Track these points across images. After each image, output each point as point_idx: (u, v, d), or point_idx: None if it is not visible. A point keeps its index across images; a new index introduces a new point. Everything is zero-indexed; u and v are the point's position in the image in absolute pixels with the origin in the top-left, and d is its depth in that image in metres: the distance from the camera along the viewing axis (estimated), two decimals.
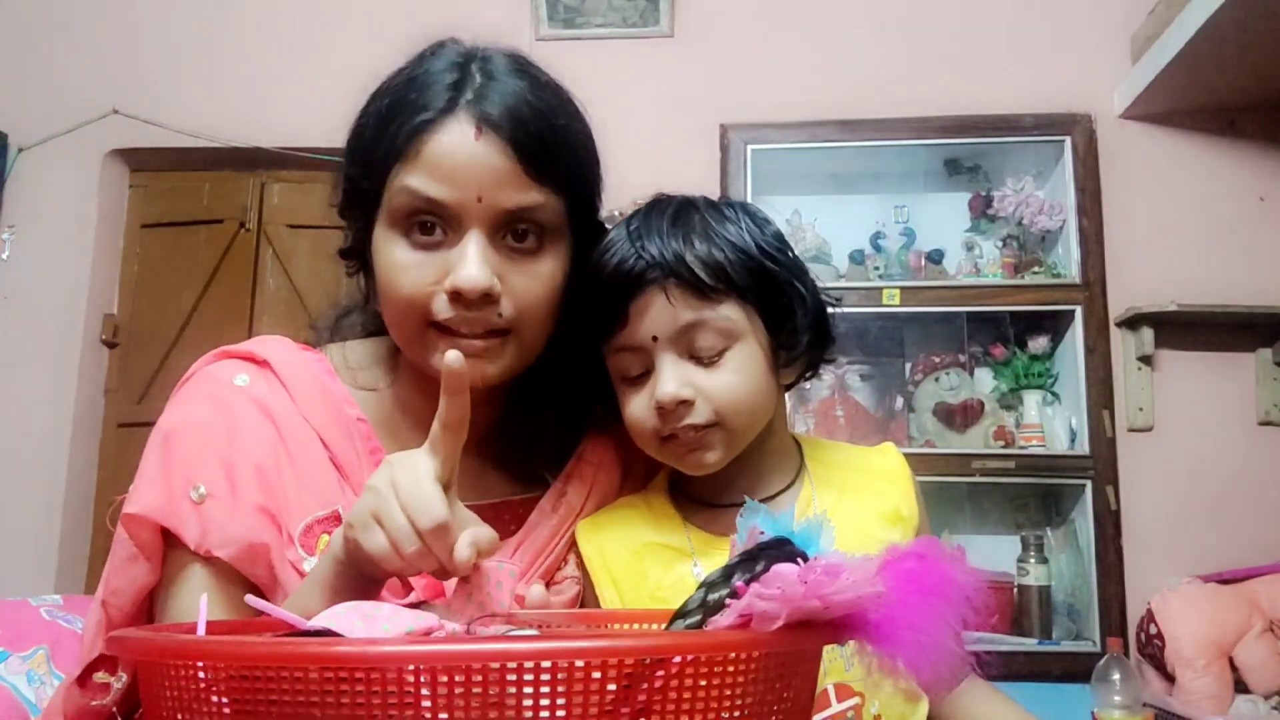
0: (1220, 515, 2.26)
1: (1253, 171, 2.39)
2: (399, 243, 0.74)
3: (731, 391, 0.79)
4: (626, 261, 0.79)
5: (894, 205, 2.57)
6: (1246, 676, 1.99)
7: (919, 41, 2.54)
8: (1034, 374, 2.40)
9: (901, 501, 0.86)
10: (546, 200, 0.74)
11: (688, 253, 0.78)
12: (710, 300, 0.78)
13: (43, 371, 2.60)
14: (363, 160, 0.76)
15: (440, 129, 0.72)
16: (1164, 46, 2.18)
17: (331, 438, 0.78)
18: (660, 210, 0.84)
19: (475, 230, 0.72)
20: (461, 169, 0.71)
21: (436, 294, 0.73)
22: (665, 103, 2.56)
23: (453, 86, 0.73)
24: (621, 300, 0.78)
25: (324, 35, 2.63)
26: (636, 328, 0.79)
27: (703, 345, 0.79)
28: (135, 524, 0.74)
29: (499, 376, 0.76)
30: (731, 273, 0.79)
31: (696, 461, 0.81)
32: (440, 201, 0.71)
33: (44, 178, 2.68)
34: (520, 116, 0.73)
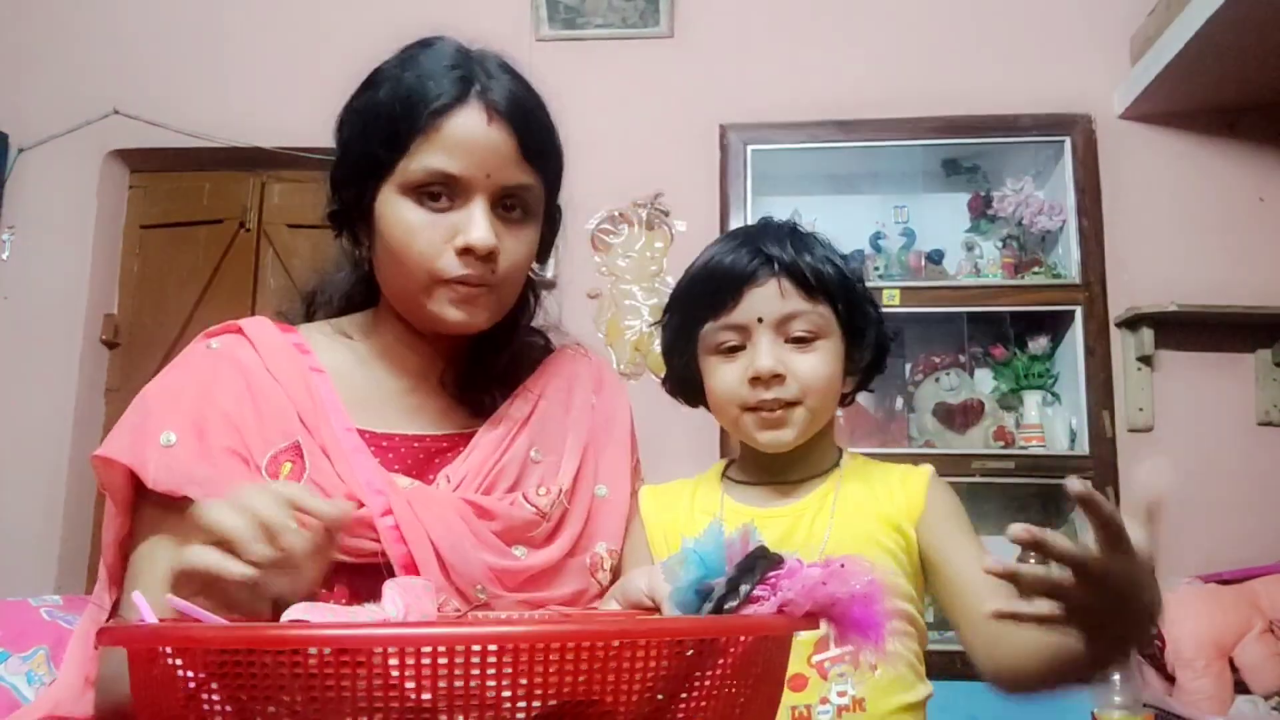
0: (1220, 515, 2.26)
1: (1252, 172, 2.39)
2: (411, 207, 0.85)
3: (817, 374, 0.94)
4: (748, 257, 0.96)
5: (894, 205, 2.57)
6: (1246, 677, 1.99)
7: (918, 42, 2.54)
8: (1034, 374, 2.41)
9: (906, 501, 0.97)
10: (535, 182, 0.88)
11: (802, 257, 0.95)
12: (812, 298, 0.95)
13: (43, 371, 2.60)
14: (378, 136, 0.86)
15: (458, 113, 0.84)
16: (1164, 47, 2.19)
17: (292, 389, 0.87)
18: (776, 224, 1.02)
19: (481, 199, 0.84)
20: (475, 149, 0.84)
21: (445, 252, 0.84)
22: (665, 103, 2.56)
23: (463, 80, 0.85)
24: (738, 285, 0.95)
25: (324, 36, 2.63)
26: (746, 309, 0.95)
27: (798, 331, 0.95)
28: (105, 468, 0.83)
29: (486, 323, 0.88)
30: (831, 282, 0.96)
31: (773, 437, 0.95)
32: (455, 175, 0.84)
33: (44, 178, 2.68)
34: (522, 109, 0.86)
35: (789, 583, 0.54)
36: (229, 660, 0.43)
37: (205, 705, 0.45)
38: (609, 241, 2.52)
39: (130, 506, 0.83)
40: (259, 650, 0.43)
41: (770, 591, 0.55)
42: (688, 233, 2.50)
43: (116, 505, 0.83)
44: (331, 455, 0.84)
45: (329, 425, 0.85)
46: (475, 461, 0.89)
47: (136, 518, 0.83)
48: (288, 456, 0.83)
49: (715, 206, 2.47)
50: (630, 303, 2.49)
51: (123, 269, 2.74)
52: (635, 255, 2.51)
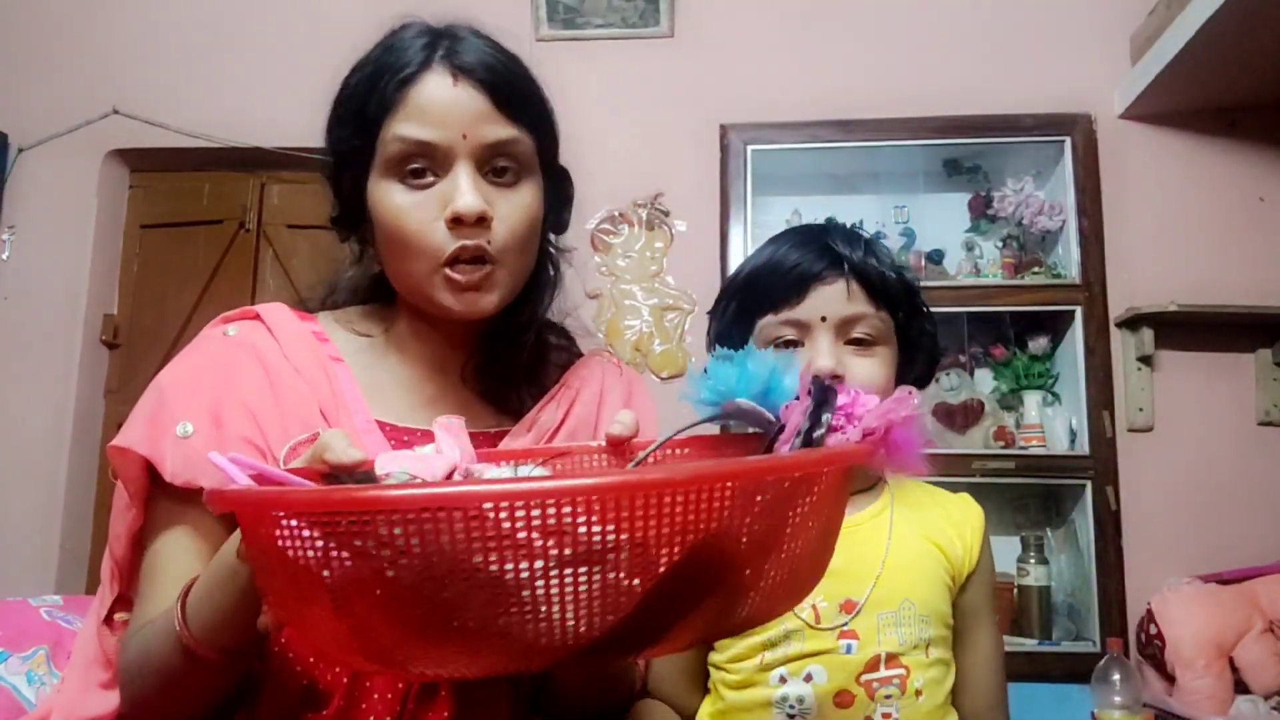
0: (1220, 515, 2.26)
1: (1253, 172, 2.39)
2: (397, 188, 0.82)
3: (873, 378, 0.93)
4: (817, 254, 0.95)
5: (894, 205, 2.57)
6: (1246, 677, 1.99)
7: (919, 42, 2.54)
8: (1034, 374, 2.41)
9: (960, 540, 0.99)
10: (521, 136, 0.83)
11: (873, 262, 0.95)
12: (876, 303, 0.95)
13: (43, 372, 2.60)
14: (352, 121, 0.84)
15: (421, 80, 0.81)
16: (1164, 47, 2.19)
17: (311, 378, 0.84)
18: (843, 226, 1.01)
19: (463, 163, 0.81)
20: (445, 111, 0.80)
21: (438, 227, 0.81)
22: (665, 103, 2.56)
23: (427, 47, 0.83)
24: (805, 282, 0.94)
25: (324, 36, 2.63)
26: (810, 306, 0.94)
27: (858, 334, 0.94)
28: (121, 458, 0.80)
29: (495, 305, 0.84)
30: (895, 290, 0.96)
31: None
32: (430, 143, 0.80)
33: (44, 178, 2.68)
34: (489, 64, 0.83)
35: (860, 409, 0.59)
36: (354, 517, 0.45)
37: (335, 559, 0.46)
38: (609, 241, 2.52)
39: (145, 498, 0.81)
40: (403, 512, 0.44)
41: (846, 420, 0.59)
42: (688, 233, 2.50)
43: (132, 497, 0.81)
44: None
45: (349, 417, 0.83)
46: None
47: (151, 509, 0.81)
48: (308, 447, 0.81)
49: (715, 206, 2.47)
50: (630, 303, 2.49)
51: (122, 269, 2.74)
52: (635, 255, 2.51)
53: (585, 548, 0.44)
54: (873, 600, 0.92)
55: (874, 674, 0.90)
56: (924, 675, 0.92)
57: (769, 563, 0.52)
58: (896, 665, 0.91)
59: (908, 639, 0.92)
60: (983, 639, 0.99)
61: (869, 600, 0.92)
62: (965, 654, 0.98)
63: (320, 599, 0.48)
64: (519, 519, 0.43)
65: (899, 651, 0.91)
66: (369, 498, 0.44)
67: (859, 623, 0.92)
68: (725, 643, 0.96)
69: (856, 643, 0.91)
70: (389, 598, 0.46)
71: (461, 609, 0.45)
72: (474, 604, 0.45)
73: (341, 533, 0.45)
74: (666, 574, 0.47)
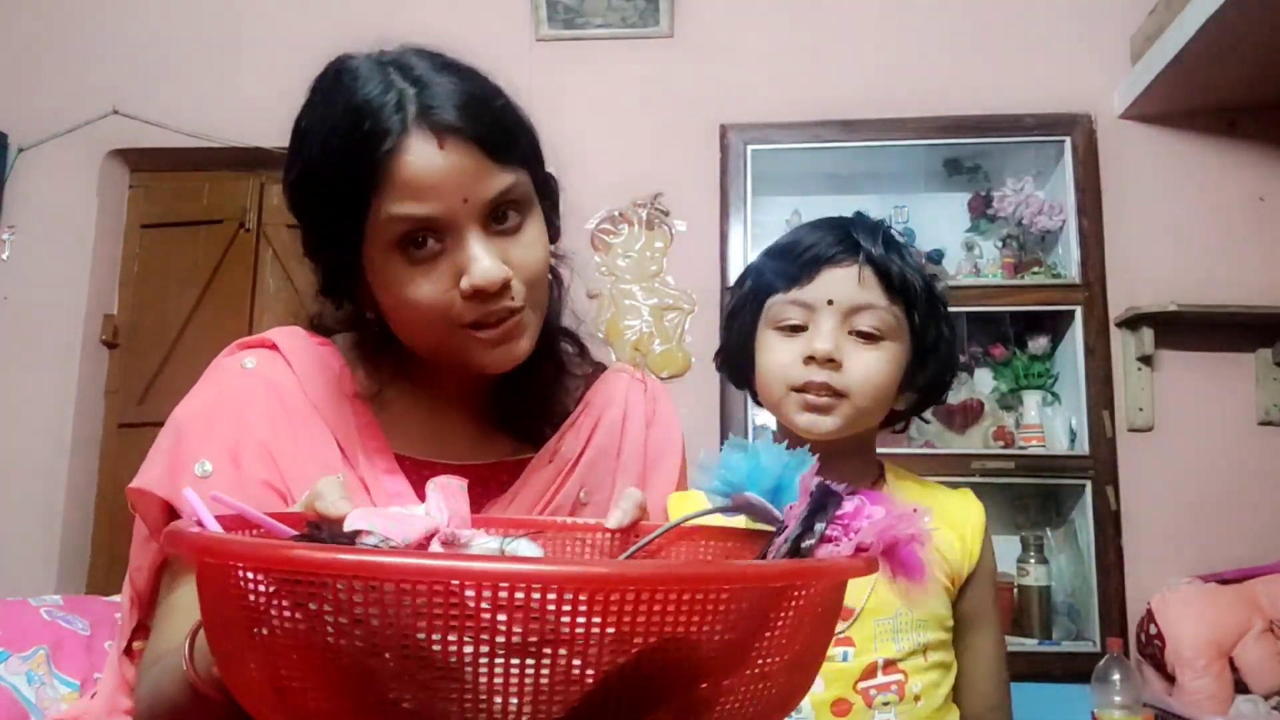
0: (1220, 515, 2.26)
1: (1252, 172, 2.39)
2: (399, 263, 0.76)
3: (872, 372, 0.91)
4: (835, 238, 0.93)
5: (894, 205, 2.56)
6: (1246, 677, 1.99)
7: (919, 42, 2.54)
8: (1034, 374, 2.40)
9: (960, 541, 0.97)
10: (517, 178, 0.78)
11: (890, 255, 0.92)
12: (889, 295, 0.92)
13: (43, 372, 2.60)
14: (331, 197, 0.77)
15: (404, 151, 0.73)
16: (1164, 47, 2.18)
17: (329, 414, 0.82)
18: (871, 220, 0.98)
19: (471, 230, 0.75)
20: (440, 182, 0.73)
21: (454, 298, 0.75)
22: (665, 103, 2.56)
23: (397, 107, 0.74)
24: (817, 263, 0.92)
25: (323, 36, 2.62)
26: (819, 288, 0.92)
27: (865, 325, 0.91)
28: (140, 499, 0.78)
29: (529, 348, 0.80)
30: (912, 286, 0.92)
31: (812, 420, 0.91)
32: (431, 217, 0.74)
33: (44, 178, 2.68)
34: (467, 111, 0.75)
35: (860, 523, 0.55)
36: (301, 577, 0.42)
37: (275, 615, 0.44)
38: (609, 241, 2.52)
39: None
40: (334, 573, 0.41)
41: (842, 532, 0.55)
42: (687, 233, 2.50)
43: (152, 534, 0.79)
44: (372, 490, 0.79)
45: (370, 456, 0.81)
46: (524, 503, 0.84)
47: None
48: None
49: (715, 206, 2.47)
50: (630, 303, 2.49)
51: (122, 269, 2.74)
52: (635, 255, 2.51)
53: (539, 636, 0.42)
54: (869, 608, 0.91)
55: (871, 681, 0.89)
56: (922, 680, 0.91)
57: (735, 678, 0.48)
58: (894, 671, 0.90)
59: (905, 645, 0.91)
60: (984, 639, 0.98)
61: (865, 607, 0.91)
62: (966, 654, 0.97)
63: (255, 656, 0.45)
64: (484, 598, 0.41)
65: (896, 658, 0.91)
66: (321, 559, 0.41)
67: (855, 630, 0.91)
68: None
69: (853, 650, 0.90)
70: (325, 663, 0.43)
71: (400, 685, 0.43)
72: (414, 683, 0.43)
73: (287, 590, 0.43)
74: (614, 674, 0.44)
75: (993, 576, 1.00)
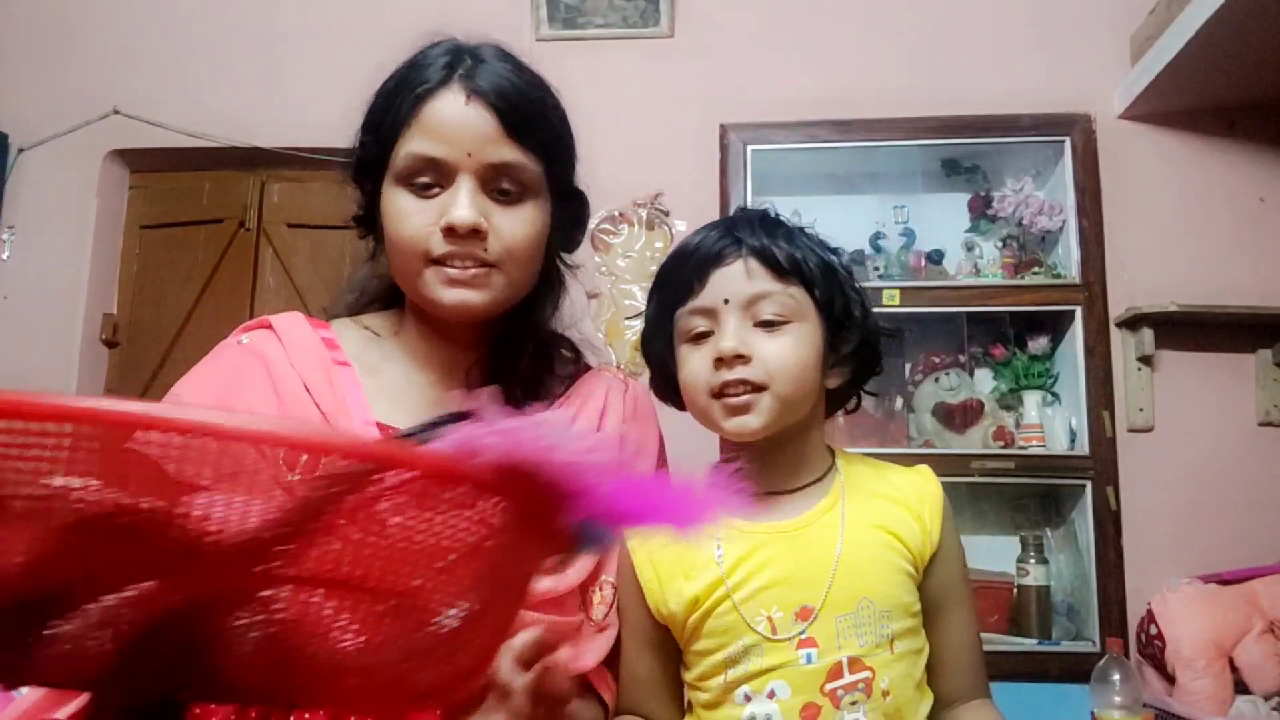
0: (1220, 515, 2.26)
1: (1252, 172, 2.39)
2: (404, 195, 0.87)
3: (784, 357, 0.90)
4: (716, 238, 0.94)
5: (893, 205, 2.57)
6: (1247, 677, 1.99)
7: (918, 42, 2.54)
8: (1034, 374, 2.40)
9: (918, 522, 0.94)
10: (526, 161, 0.87)
11: (772, 241, 0.93)
12: (782, 279, 0.92)
13: (43, 371, 2.59)
14: (373, 130, 0.90)
15: (436, 97, 0.86)
16: (1164, 47, 2.18)
17: (313, 381, 0.88)
18: (753, 212, 0.99)
19: (466, 177, 0.85)
20: (453, 130, 0.85)
21: (434, 233, 0.85)
22: (665, 103, 2.56)
23: (447, 66, 0.87)
24: (705, 267, 0.93)
25: (324, 36, 2.63)
26: (713, 291, 0.93)
27: (766, 314, 0.91)
28: None
29: (486, 305, 0.87)
30: (805, 266, 0.92)
31: (739, 423, 0.91)
32: (437, 159, 0.85)
33: (44, 178, 2.68)
34: (502, 89, 0.86)
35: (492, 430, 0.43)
36: None
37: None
38: (609, 241, 2.52)
39: None
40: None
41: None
42: (687, 232, 2.49)
43: None
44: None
45: (349, 419, 0.86)
46: None
47: None
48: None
49: (715, 206, 2.46)
50: (630, 303, 2.49)
51: (122, 268, 2.74)
52: (635, 255, 2.51)
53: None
54: (829, 603, 0.89)
55: (838, 681, 0.88)
56: (889, 673, 0.89)
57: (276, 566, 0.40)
58: (861, 669, 0.88)
59: (869, 639, 0.89)
60: (955, 620, 0.95)
61: (825, 604, 0.89)
62: (938, 636, 0.94)
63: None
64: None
65: (861, 654, 0.89)
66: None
67: (816, 629, 0.89)
68: (693, 660, 0.94)
69: (816, 650, 0.88)
70: None
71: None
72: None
73: None
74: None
75: (959, 555, 0.97)
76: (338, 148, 0.96)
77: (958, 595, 0.96)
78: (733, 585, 0.91)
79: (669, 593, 0.94)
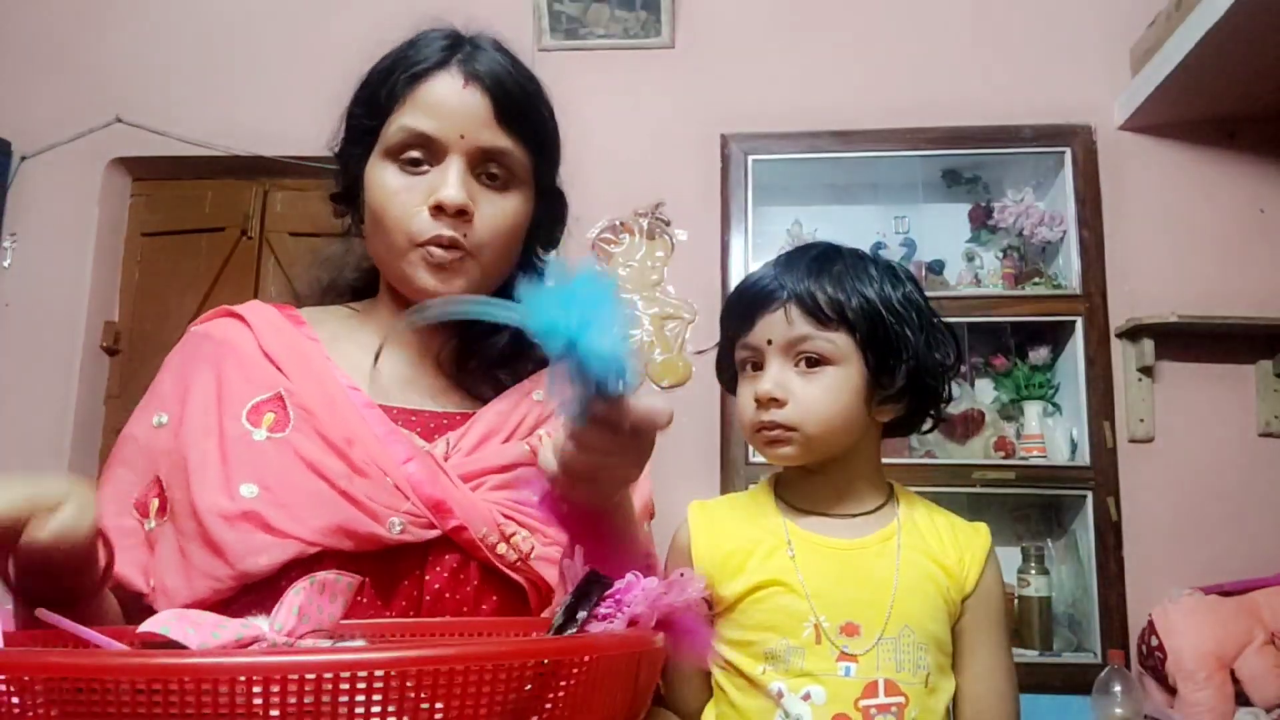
0: (1221, 527, 2.26)
1: (1253, 183, 2.39)
2: (392, 171, 0.87)
3: (816, 401, 0.95)
4: (765, 283, 0.99)
5: (894, 216, 2.57)
6: (1248, 688, 1.99)
7: (919, 53, 2.55)
8: (1035, 385, 2.40)
9: (960, 562, 0.99)
10: (515, 149, 0.88)
11: (815, 287, 0.96)
12: (822, 325, 0.96)
13: (44, 378, 2.60)
14: (366, 103, 0.90)
15: (434, 77, 0.87)
16: (1164, 59, 2.19)
17: (286, 358, 0.87)
18: (806, 250, 1.02)
19: (455, 158, 0.86)
20: (449, 110, 0.86)
21: (420, 213, 0.85)
22: (666, 113, 2.57)
23: (446, 49, 0.88)
24: (754, 309, 0.99)
25: (326, 45, 2.64)
26: (758, 332, 0.98)
27: (806, 356, 0.96)
28: None
29: (463, 290, 0.87)
30: (847, 310, 0.96)
31: (774, 453, 0.98)
32: (429, 135, 0.85)
33: (47, 186, 2.68)
34: (499, 77, 0.88)
35: (632, 596, 0.55)
36: (72, 687, 0.40)
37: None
38: (610, 250, 2.51)
39: None
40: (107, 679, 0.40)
41: (615, 608, 0.55)
42: (688, 242, 2.49)
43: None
44: (319, 409, 0.83)
45: (320, 383, 0.85)
46: (478, 431, 0.88)
47: None
48: (270, 407, 0.83)
49: (716, 216, 2.47)
50: (631, 312, 2.49)
51: (124, 276, 2.75)
52: (636, 264, 2.50)
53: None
54: (875, 625, 0.93)
55: (872, 700, 0.91)
56: (921, 705, 0.93)
57: None
58: (896, 693, 0.92)
59: (906, 666, 0.93)
60: (982, 663, 0.98)
61: (873, 626, 0.93)
62: (964, 677, 0.98)
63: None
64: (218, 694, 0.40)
65: (898, 679, 0.92)
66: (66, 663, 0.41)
67: (859, 646, 0.93)
68: (727, 634, 0.97)
69: (856, 666, 0.92)
70: None
71: None
72: None
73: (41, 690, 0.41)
74: None
75: (994, 606, 1.01)
76: None
77: (989, 640, 0.99)
78: (798, 584, 0.95)
79: (726, 572, 0.97)
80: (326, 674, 0.41)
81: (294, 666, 0.41)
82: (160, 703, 0.40)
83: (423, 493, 0.80)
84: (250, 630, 0.54)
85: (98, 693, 0.40)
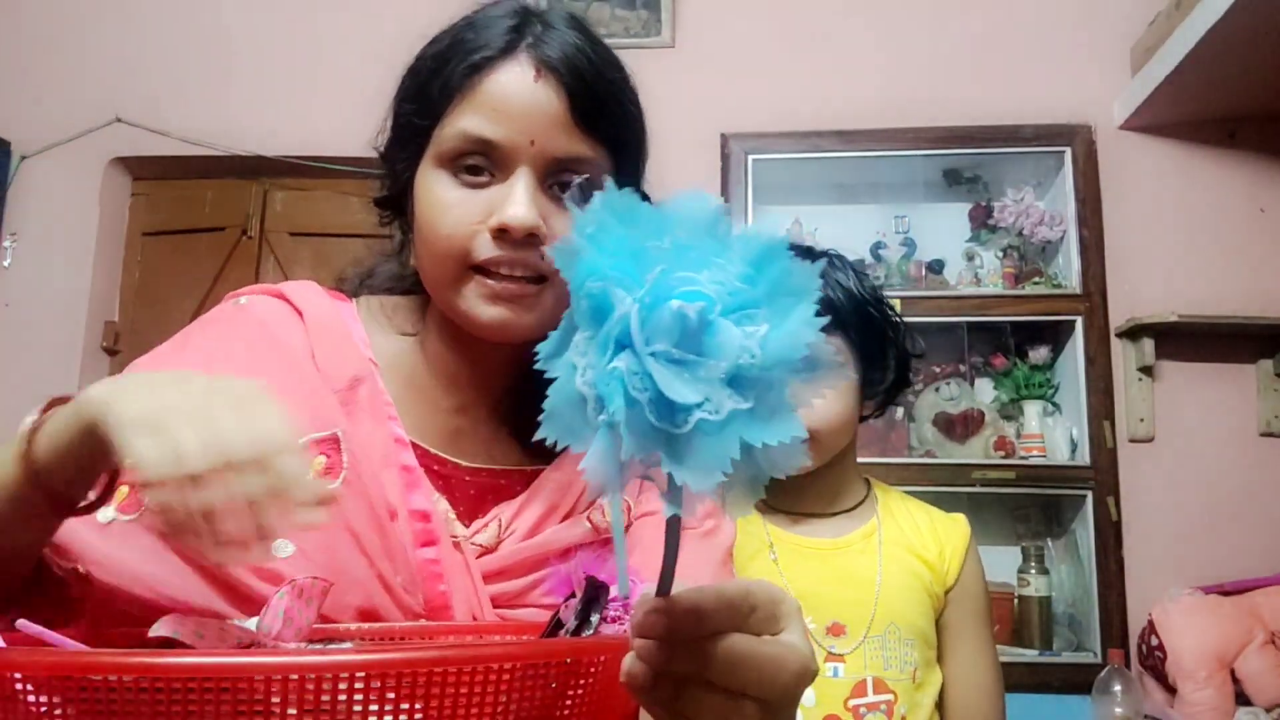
0: (1221, 526, 2.26)
1: (1253, 182, 2.39)
2: (446, 181, 0.72)
3: (828, 411, 0.96)
4: None
5: (894, 215, 2.57)
6: (1248, 688, 1.99)
7: (919, 52, 2.55)
8: (1034, 384, 2.40)
9: (940, 555, 1.00)
10: (595, 155, 0.73)
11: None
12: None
13: (44, 378, 2.60)
14: (417, 98, 0.74)
15: (499, 69, 0.71)
16: (1164, 58, 2.19)
17: (333, 364, 0.74)
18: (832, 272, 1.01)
19: (525, 170, 0.70)
20: (517, 110, 0.70)
21: (479, 233, 0.70)
22: (666, 112, 2.54)
23: (514, 30, 0.72)
24: None
25: (326, 45, 2.63)
26: None
27: None
28: None
29: (535, 327, 0.70)
30: (842, 313, 0.95)
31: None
32: (493, 142, 0.70)
33: (47, 185, 2.68)
34: (577, 66, 0.72)
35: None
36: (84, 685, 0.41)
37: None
38: None
39: None
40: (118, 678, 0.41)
41: (624, 611, 0.56)
42: None
43: None
44: (372, 465, 0.70)
45: (375, 430, 0.72)
46: (536, 510, 0.75)
47: None
48: (324, 449, 0.69)
49: None
50: None
51: (124, 276, 2.75)
52: None
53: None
54: (860, 624, 0.94)
55: (862, 699, 0.92)
56: (909, 701, 0.94)
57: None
58: (884, 691, 0.93)
59: (893, 663, 0.93)
60: (966, 657, 0.99)
61: (858, 625, 0.94)
62: (950, 670, 0.99)
63: None
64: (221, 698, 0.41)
65: (885, 677, 0.93)
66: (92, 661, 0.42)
67: (845, 646, 0.94)
68: None
69: (843, 666, 0.93)
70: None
71: None
72: None
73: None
74: None
75: (976, 598, 1.02)
76: (341, 156, 0.95)
77: (971, 634, 1.00)
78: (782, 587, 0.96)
79: None
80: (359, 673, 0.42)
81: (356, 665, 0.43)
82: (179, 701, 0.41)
83: (431, 588, 0.69)
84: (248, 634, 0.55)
85: (117, 691, 0.41)
